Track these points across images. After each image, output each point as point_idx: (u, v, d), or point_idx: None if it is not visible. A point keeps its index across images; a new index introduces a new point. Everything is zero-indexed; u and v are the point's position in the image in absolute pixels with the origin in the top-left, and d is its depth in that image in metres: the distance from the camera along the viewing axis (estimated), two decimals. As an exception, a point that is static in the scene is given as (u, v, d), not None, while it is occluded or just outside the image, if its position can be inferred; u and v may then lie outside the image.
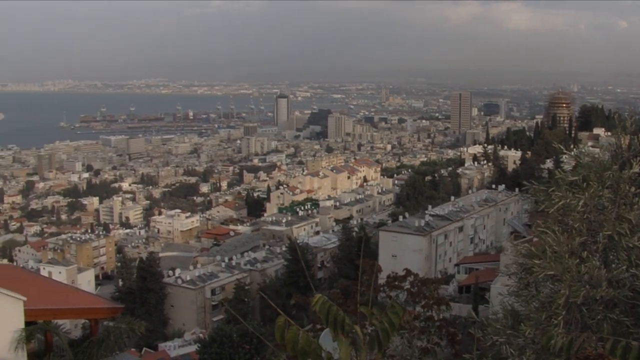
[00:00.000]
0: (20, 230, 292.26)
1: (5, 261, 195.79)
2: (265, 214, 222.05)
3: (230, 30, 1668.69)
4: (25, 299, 22.04)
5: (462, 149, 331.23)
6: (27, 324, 22.69)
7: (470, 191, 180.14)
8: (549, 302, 13.48)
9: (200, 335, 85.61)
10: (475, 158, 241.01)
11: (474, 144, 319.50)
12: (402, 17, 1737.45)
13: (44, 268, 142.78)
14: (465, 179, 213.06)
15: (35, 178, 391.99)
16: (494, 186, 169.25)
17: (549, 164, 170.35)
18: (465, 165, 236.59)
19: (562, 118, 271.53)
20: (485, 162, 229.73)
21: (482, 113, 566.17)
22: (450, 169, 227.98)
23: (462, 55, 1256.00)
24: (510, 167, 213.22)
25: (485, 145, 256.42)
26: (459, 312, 54.84)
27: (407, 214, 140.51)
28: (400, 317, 7.30)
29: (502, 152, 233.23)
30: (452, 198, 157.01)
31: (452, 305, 45.63)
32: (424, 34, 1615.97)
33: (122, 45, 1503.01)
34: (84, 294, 39.10)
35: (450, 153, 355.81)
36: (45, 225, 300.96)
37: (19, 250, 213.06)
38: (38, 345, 26.61)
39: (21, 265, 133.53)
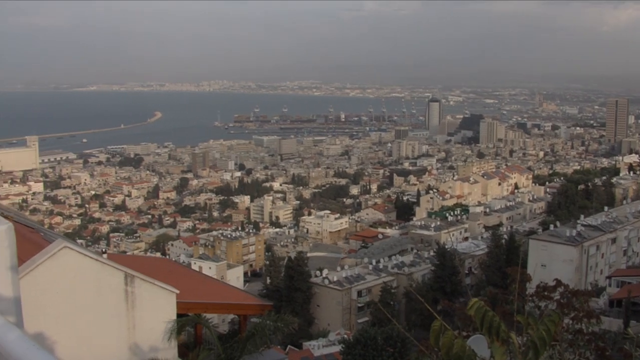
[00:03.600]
0: (173, 225, 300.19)
1: (158, 254, 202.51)
2: (415, 218, 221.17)
3: (383, 32, 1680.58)
4: (178, 291, 22.58)
5: (617, 158, 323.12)
6: (179, 316, 23.24)
7: (624, 202, 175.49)
8: None
9: (345, 336, 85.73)
10: (631, 168, 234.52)
11: (630, 153, 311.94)
12: (558, 20, 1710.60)
13: (194, 263, 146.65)
14: (619, 189, 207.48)
15: (189, 175, 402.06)
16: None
17: None
18: (620, 174, 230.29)
19: None
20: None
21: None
22: (604, 178, 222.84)
23: (619, 60, 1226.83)
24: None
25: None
26: (609, 327, 53.28)
27: (558, 223, 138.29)
28: (556, 325, 7.16)
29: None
30: (606, 208, 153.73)
31: (602, 319, 44.47)
32: (581, 38, 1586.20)
33: (276, 47, 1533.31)
34: (234, 290, 39.78)
35: (605, 162, 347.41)
36: (197, 222, 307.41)
37: (172, 245, 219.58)
38: (188, 338, 27.31)
39: (173, 259, 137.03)
